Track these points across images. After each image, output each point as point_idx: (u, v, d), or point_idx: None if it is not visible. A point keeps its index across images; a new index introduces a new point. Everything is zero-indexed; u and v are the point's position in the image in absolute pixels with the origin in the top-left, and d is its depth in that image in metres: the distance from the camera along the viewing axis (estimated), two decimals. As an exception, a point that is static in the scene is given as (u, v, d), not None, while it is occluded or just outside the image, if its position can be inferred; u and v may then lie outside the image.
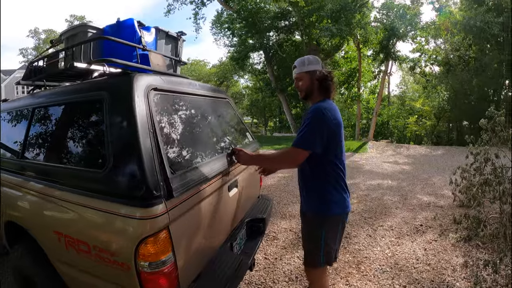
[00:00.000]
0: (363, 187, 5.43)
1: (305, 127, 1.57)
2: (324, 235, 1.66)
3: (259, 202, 2.67)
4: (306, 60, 1.78)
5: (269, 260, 2.81)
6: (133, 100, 1.40)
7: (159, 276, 1.29)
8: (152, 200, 1.25)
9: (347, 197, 1.70)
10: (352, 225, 3.53)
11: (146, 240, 1.23)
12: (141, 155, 1.30)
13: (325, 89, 1.73)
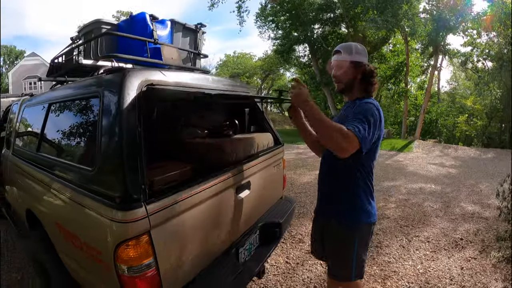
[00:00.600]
0: (403, 190, 5.31)
1: (364, 118, 1.37)
2: (356, 247, 1.53)
3: (279, 204, 2.55)
4: (354, 48, 1.56)
5: (290, 265, 2.82)
6: (123, 97, 1.36)
7: (139, 281, 1.26)
8: (131, 204, 1.22)
9: (374, 205, 1.60)
10: (385, 232, 3.48)
11: (124, 243, 1.21)
12: (123, 155, 1.27)
13: (367, 86, 1.57)
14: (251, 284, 2.55)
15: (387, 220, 3.86)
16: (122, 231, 1.22)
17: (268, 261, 2.92)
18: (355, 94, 1.59)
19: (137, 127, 1.35)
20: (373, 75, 1.57)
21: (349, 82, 1.57)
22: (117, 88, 1.41)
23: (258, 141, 2.27)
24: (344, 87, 1.59)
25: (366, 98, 1.54)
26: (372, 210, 1.56)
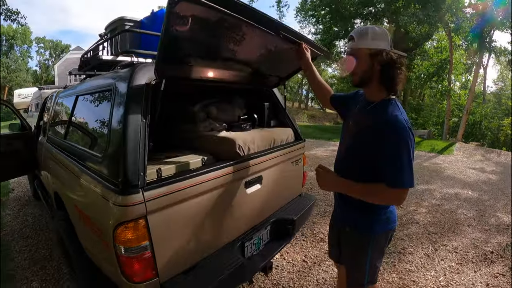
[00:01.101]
0: (437, 195, 5.00)
1: (401, 157, 1.22)
2: (370, 255, 1.45)
3: (297, 201, 2.51)
4: (370, 32, 1.30)
5: (307, 264, 2.79)
6: (130, 91, 1.47)
7: (134, 262, 1.36)
8: (129, 189, 1.31)
9: (394, 211, 1.48)
10: (411, 238, 3.31)
11: (122, 225, 1.31)
12: (125, 144, 1.36)
13: (388, 79, 1.29)
14: (263, 279, 2.55)
15: (415, 225, 3.65)
16: (121, 213, 1.32)
17: (285, 257, 2.91)
18: (374, 91, 1.35)
19: (141, 119, 1.44)
20: (395, 65, 1.28)
21: (366, 74, 1.32)
22: (126, 82, 1.52)
23: (275, 136, 2.24)
24: (360, 80, 1.36)
25: (390, 105, 1.29)
26: (390, 217, 1.45)
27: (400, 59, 1.30)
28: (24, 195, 5.22)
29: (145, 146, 1.40)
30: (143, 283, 1.39)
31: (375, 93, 1.35)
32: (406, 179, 1.23)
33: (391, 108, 1.29)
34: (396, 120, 1.24)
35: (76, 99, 2.36)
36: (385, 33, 1.31)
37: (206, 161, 1.80)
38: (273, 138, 2.18)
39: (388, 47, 1.29)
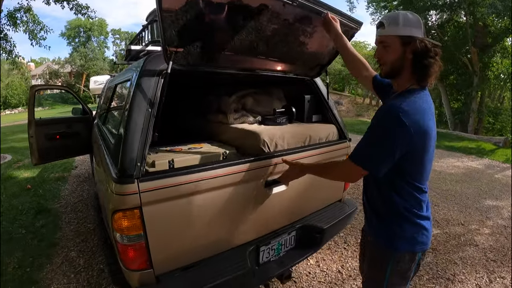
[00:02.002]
0: (506, 214, 4.27)
1: (369, 138, 1.16)
2: (388, 274, 1.27)
3: (335, 207, 2.31)
4: (401, 18, 1.18)
5: (342, 275, 2.57)
6: (140, 81, 1.47)
7: (129, 249, 1.37)
8: (124, 178, 1.31)
9: (426, 231, 1.25)
10: (465, 263, 2.85)
11: (117, 213, 1.32)
12: (126, 134, 1.37)
13: (421, 69, 1.16)
14: (290, 284, 2.43)
15: (473, 248, 3.15)
16: (117, 201, 1.32)
17: (320, 264, 2.75)
18: (403, 81, 1.22)
19: (146, 109, 1.42)
20: (429, 54, 1.15)
21: (396, 63, 1.20)
22: (138, 72, 1.52)
23: (312, 132, 2.03)
24: (390, 71, 1.23)
25: (405, 95, 1.16)
26: (418, 237, 1.23)
27: (435, 48, 1.18)
28: (85, 173, 5.75)
29: (147, 136, 1.38)
30: (138, 272, 1.41)
31: (404, 83, 1.22)
32: (361, 154, 1.18)
33: (404, 97, 1.16)
34: (391, 107, 1.13)
35: (115, 88, 2.51)
36: (418, 20, 1.19)
37: (228, 155, 1.69)
38: (309, 135, 1.95)
39: (421, 35, 1.18)
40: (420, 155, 1.16)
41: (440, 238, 3.31)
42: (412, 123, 1.07)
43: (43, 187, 4.92)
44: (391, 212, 1.25)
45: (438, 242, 3.22)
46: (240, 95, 2.14)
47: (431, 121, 1.15)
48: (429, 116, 1.14)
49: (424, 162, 1.19)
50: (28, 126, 3.04)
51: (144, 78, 1.49)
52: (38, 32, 7.61)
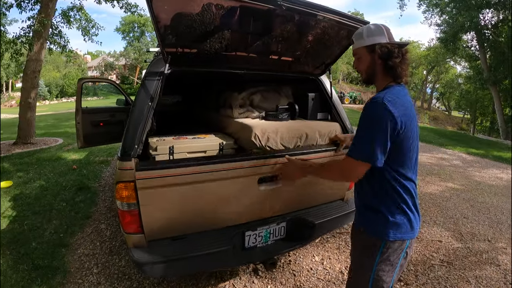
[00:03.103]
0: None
1: (361, 131, 1.25)
2: (376, 266, 1.34)
3: (335, 205, 2.35)
4: (365, 31, 1.35)
5: (343, 276, 2.55)
6: (146, 78, 1.79)
7: (125, 215, 1.70)
8: (124, 156, 1.64)
9: (414, 220, 1.34)
10: (480, 283, 2.64)
11: (118, 184, 1.65)
12: (129, 123, 1.71)
13: (390, 70, 1.30)
14: (288, 277, 2.49)
15: (494, 268, 2.87)
16: (119, 175, 1.66)
17: (324, 262, 2.77)
18: (380, 83, 1.36)
19: (147, 102, 1.74)
20: (392, 55, 1.28)
21: (369, 69, 1.36)
22: (147, 70, 1.81)
23: (309, 130, 2.10)
24: (366, 77, 1.40)
25: (384, 90, 1.29)
26: (406, 225, 1.32)
27: (399, 48, 1.30)
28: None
29: (145, 124, 1.70)
30: (132, 235, 1.74)
31: (381, 85, 1.36)
32: (357, 149, 1.25)
33: (384, 91, 1.28)
34: (375, 98, 1.24)
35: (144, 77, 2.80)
36: (380, 28, 1.34)
37: (224, 146, 1.86)
38: (305, 132, 2.02)
39: (385, 40, 1.32)
40: (404, 142, 1.25)
41: (460, 252, 3.09)
42: (396, 110, 1.19)
43: (87, 168, 5.50)
44: (380, 202, 1.32)
45: (456, 256, 3.01)
46: (249, 92, 2.27)
47: (409, 106, 1.26)
48: (409, 106, 1.26)
49: (408, 149, 1.27)
50: (75, 114, 3.41)
51: (148, 77, 1.81)
52: (90, 29, 8.43)
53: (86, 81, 4.15)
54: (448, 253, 3.01)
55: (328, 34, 1.81)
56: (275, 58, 2.02)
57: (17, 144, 7.40)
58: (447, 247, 3.16)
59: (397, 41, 1.34)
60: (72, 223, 3.39)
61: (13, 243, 2.96)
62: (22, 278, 2.44)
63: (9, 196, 4.13)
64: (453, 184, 5.29)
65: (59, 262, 2.67)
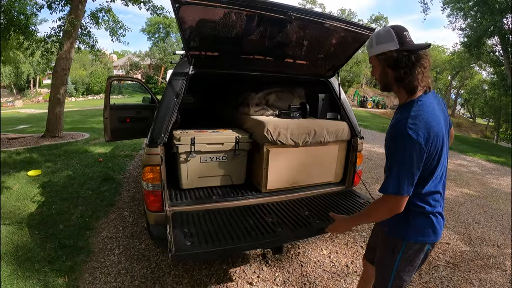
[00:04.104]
0: None
1: (396, 165, 1.21)
2: (397, 266, 1.40)
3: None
4: (374, 38, 1.29)
5: (348, 270, 2.64)
6: (171, 78, 2.07)
7: (150, 195, 1.97)
8: (152, 144, 1.95)
9: (438, 225, 1.35)
10: (483, 285, 2.65)
11: (146, 167, 1.95)
12: (157, 116, 2.01)
13: (399, 80, 1.26)
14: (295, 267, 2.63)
15: (499, 272, 2.86)
16: (146, 159, 1.97)
17: (331, 256, 2.88)
18: (398, 93, 1.33)
19: (173, 98, 2.03)
20: (399, 65, 1.23)
21: (382, 79, 1.33)
22: (173, 71, 2.08)
23: (317, 127, 2.29)
24: (383, 86, 1.37)
25: (406, 106, 1.25)
26: (428, 229, 1.35)
27: (409, 55, 1.22)
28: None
29: (171, 117, 1.99)
30: (155, 213, 2.03)
31: (400, 95, 1.33)
32: (390, 184, 1.22)
33: (408, 110, 1.23)
34: (398, 125, 1.21)
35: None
36: (389, 34, 1.25)
37: (240, 139, 2.16)
38: (313, 129, 2.22)
39: (396, 46, 1.23)
40: (435, 158, 1.26)
41: (467, 255, 3.11)
42: (422, 134, 1.17)
43: (112, 161, 5.82)
44: (406, 206, 1.29)
45: (462, 259, 3.04)
46: (265, 92, 2.46)
47: (438, 119, 1.23)
48: (436, 118, 1.22)
49: (439, 160, 1.28)
50: (104, 110, 3.64)
51: (174, 77, 2.09)
52: (117, 30, 8.87)
53: (114, 79, 4.41)
54: (455, 255, 3.05)
55: (336, 40, 1.99)
56: (289, 61, 2.22)
57: (45, 137, 7.88)
58: (455, 249, 3.20)
59: (411, 45, 1.24)
60: (97, 209, 3.66)
61: (41, 224, 3.26)
62: (48, 255, 2.71)
63: (38, 183, 4.47)
64: (468, 190, 5.24)
65: (84, 242, 2.93)
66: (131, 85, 39.77)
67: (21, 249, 2.77)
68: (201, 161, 2.34)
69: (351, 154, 2.57)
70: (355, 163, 2.54)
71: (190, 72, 2.01)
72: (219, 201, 2.21)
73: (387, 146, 1.27)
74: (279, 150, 2.22)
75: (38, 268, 2.50)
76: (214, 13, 1.64)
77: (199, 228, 1.86)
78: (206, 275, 2.45)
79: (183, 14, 1.58)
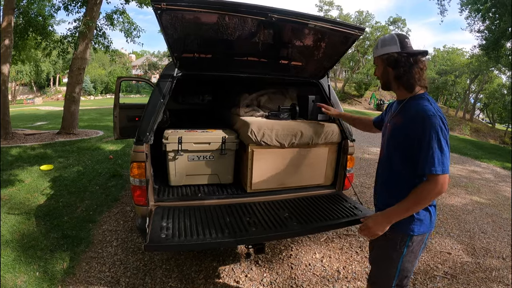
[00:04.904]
0: None
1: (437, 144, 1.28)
2: (402, 258, 1.47)
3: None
4: (379, 42, 1.50)
5: (339, 275, 2.62)
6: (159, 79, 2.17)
7: (136, 189, 2.08)
8: (138, 141, 2.06)
9: (434, 214, 1.47)
10: None
11: (132, 163, 2.05)
12: (145, 113, 2.10)
13: (399, 79, 1.43)
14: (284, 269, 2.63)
15: (501, 286, 2.74)
16: (133, 156, 2.08)
17: (323, 260, 2.83)
18: (397, 91, 1.50)
19: (159, 99, 2.12)
20: (399, 64, 1.40)
21: (383, 77, 1.51)
22: (161, 73, 2.18)
23: (304, 129, 2.32)
24: (383, 84, 1.55)
25: (417, 97, 1.40)
26: (428, 220, 1.46)
27: (408, 57, 1.39)
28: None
29: (157, 117, 2.09)
30: (141, 206, 2.13)
31: (400, 92, 1.49)
32: (439, 163, 1.28)
33: (420, 101, 1.39)
34: (425, 109, 1.33)
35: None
36: (392, 39, 1.44)
37: (226, 139, 2.25)
38: (300, 131, 2.24)
39: (396, 49, 1.42)
40: None
41: (468, 267, 2.98)
42: (444, 120, 1.33)
43: (122, 159, 6.00)
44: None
45: (462, 270, 2.92)
46: (259, 93, 2.50)
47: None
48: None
49: None
50: (113, 108, 3.79)
51: (162, 79, 2.18)
52: (132, 31, 9.17)
53: (124, 79, 4.57)
54: (455, 266, 2.94)
55: (324, 41, 2.02)
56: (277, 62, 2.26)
57: (61, 134, 8.21)
58: (455, 260, 3.08)
59: (410, 50, 1.42)
60: (102, 203, 3.80)
61: (47, 215, 3.42)
62: (51, 244, 2.87)
63: (49, 178, 4.68)
64: (478, 198, 5.08)
65: (85, 234, 3.06)
66: (148, 84, 40.72)
67: (26, 237, 2.94)
68: (189, 159, 2.41)
69: (342, 157, 2.56)
70: (345, 166, 2.52)
71: (176, 75, 2.09)
72: (204, 199, 2.27)
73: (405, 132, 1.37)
74: (264, 151, 2.25)
75: (40, 255, 2.66)
76: (197, 17, 1.70)
77: (176, 222, 1.92)
78: (196, 271, 2.52)
79: (165, 18, 1.66)
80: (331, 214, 2.16)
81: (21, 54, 9.18)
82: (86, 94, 36.74)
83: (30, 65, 29.12)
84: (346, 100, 33.79)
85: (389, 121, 1.56)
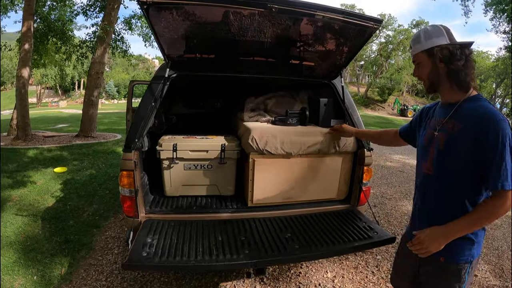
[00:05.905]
0: None
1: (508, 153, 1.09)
2: (466, 282, 1.27)
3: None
4: (422, 34, 1.24)
5: None
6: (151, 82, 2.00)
7: (125, 200, 1.92)
8: (126, 148, 1.88)
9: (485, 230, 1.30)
10: None
11: (121, 172, 1.89)
12: (135, 118, 1.94)
13: (454, 75, 1.18)
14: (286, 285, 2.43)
15: None
16: (122, 164, 1.91)
17: (335, 280, 2.62)
18: (449, 91, 1.24)
19: (150, 103, 1.95)
20: (455, 58, 1.16)
21: (431, 76, 1.24)
22: (154, 75, 2.02)
23: (313, 137, 2.07)
24: (429, 84, 1.27)
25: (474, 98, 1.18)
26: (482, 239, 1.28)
27: (462, 49, 1.18)
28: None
29: (147, 122, 1.92)
30: (131, 218, 1.98)
31: (452, 93, 1.24)
32: (509, 178, 1.08)
33: (481, 103, 1.16)
34: (493, 112, 1.11)
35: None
36: (438, 29, 1.22)
37: (226, 147, 2.06)
38: (309, 138, 2.01)
39: (445, 41, 1.19)
40: None
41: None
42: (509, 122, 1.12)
43: (136, 162, 5.99)
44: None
45: None
46: (266, 96, 2.33)
47: None
48: None
49: None
50: (126, 112, 3.76)
51: (154, 81, 2.02)
52: (151, 35, 9.29)
53: (136, 83, 4.57)
54: (481, 290, 2.66)
55: (336, 35, 1.78)
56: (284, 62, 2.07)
57: (79, 136, 8.38)
58: (481, 282, 2.79)
59: (459, 41, 1.21)
60: (109, 208, 3.75)
61: (54, 218, 3.40)
62: (53, 248, 2.82)
63: (61, 180, 4.71)
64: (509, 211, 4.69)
65: (88, 239, 3.00)
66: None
67: (30, 240, 2.92)
68: (185, 168, 2.23)
69: (357, 168, 2.28)
70: (361, 179, 2.23)
71: (168, 75, 1.93)
72: (199, 212, 2.10)
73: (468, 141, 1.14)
74: (268, 161, 2.03)
75: (40, 259, 2.62)
76: (187, 11, 1.55)
77: (162, 239, 1.77)
78: (195, 286, 2.36)
79: (153, 14, 1.51)
80: (340, 236, 1.91)
81: (42, 58, 9.50)
82: (110, 98, 37.94)
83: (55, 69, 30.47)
84: (369, 105, 33.08)
85: (437, 129, 1.27)
